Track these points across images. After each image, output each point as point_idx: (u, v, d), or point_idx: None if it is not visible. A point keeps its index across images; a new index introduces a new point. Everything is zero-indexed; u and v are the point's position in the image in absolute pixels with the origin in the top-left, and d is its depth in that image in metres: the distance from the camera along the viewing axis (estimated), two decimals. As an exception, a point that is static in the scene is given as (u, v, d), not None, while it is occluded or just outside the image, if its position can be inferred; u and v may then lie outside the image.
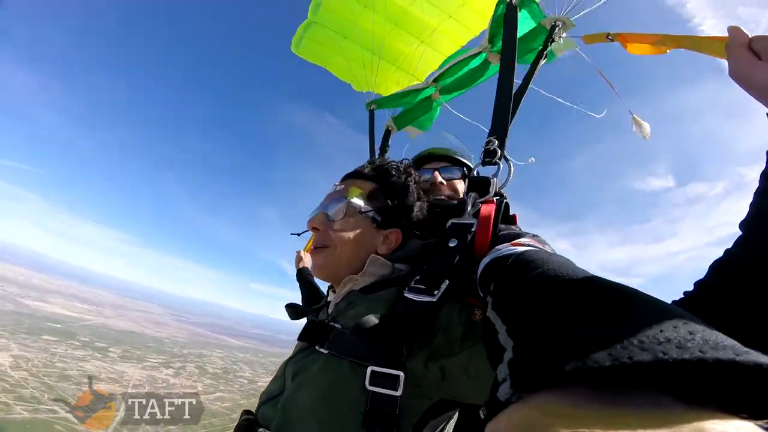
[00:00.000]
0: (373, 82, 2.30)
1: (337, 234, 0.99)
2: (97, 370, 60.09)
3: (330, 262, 1.00)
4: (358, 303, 0.91)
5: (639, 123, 1.52)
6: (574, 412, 0.22)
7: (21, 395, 42.59)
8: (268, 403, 0.89)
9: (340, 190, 1.05)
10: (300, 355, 0.91)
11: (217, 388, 69.58)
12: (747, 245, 0.61)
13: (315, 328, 0.90)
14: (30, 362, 53.65)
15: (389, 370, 0.74)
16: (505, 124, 1.13)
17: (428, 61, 2.32)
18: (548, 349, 0.29)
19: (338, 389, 0.77)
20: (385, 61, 2.28)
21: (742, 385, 0.22)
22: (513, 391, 0.28)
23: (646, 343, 0.25)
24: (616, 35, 1.24)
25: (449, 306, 0.80)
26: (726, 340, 0.25)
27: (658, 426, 0.20)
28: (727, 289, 0.60)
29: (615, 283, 0.38)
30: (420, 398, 0.78)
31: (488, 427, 0.26)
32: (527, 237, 0.76)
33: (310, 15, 2.17)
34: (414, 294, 0.78)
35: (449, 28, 2.17)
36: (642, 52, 1.17)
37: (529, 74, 1.40)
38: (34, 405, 41.39)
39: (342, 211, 1.00)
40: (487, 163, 1.10)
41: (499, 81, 1.20)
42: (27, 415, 39.10)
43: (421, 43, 2.25)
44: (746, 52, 0.66)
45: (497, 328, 0.47)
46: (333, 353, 0.82)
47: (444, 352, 0.75)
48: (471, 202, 0.95)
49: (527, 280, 0.51)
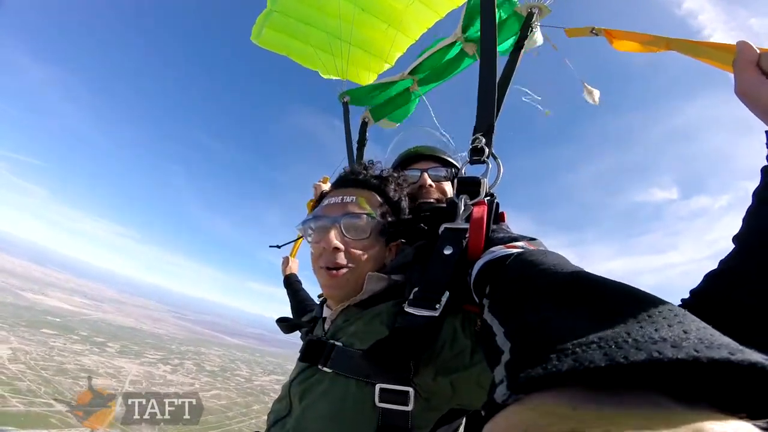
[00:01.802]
0: (343, 68, 2.26)
1: (357, 253, 0.95)
2: (95, 365, 60.17)
3: (350, 284, 0.95)
4: (357, 318, 0.90)
5: (590, 91, 1.59)
6: (571, 412, 0.22)
7: (17, 388, 42.71)
8: (276, 425, 0.89)
9: (353, 203, 0.99)
10: (303, 375, 0.90)
11: (214, 386, 69.70)
12: (740, 259, 0.62)
13: (315, 347, 0.90)
14: (28, 355, 53.83)
15: (398, 387, 0.74)
16: (491, 119, 1.07)
17: (397, 45, 2.31)
18: (544, 350, 0.29)
19: (348, 408, 0.76)
20: (353, 47, 2.25)
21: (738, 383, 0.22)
22: (510, 392, 0.28)
23: (641, 342, 0.25)
24: (602, 30, 1.20)
25: (451, 318, 0.79)
26: (720, 338, 0.25)
27: (656, 426, 0.20)
28: (722, 299, 0.61)
29: (609, 280, 0.38)
30: (431, 411, 0.78)
31: (486, 428, 0.26)
32: (523, 240, 0.75)
33: (270, 4, 2.14)
34: (415, 308, 0.76)
35: (416, 11, 2.14)
36: (629, 49, 1.14)
37: (511, 64, 1.33)
38: (30, 398, 41.49)
39: (363, 230, 0.97)
40: (475, 162, 1.06)
41: (481, 73, 1.12)
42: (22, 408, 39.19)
43: (389, 27, 2.23)
44: (755, 70, 0.65)
45: (495, 330, 0.47)
46: (338, 372, 0.82)
47: (454, 366, 0.75)
48: (462, 206, 0.91)
49: (523, 281, 0.51)
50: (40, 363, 52.65)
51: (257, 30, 2.22)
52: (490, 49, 1.16)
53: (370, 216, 0.97)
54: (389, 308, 0.88)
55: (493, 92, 1.09)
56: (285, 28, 2.23)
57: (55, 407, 41.41)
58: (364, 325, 0.87)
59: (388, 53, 2.33)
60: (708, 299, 0.64)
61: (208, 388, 67.25)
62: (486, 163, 1.04)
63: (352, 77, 2.37)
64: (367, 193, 1.05)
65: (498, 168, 1.07)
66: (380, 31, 2.24)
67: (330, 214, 0.99)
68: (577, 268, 0.49)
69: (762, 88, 0.63)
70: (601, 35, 1.21)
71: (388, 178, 1.09)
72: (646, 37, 1.06)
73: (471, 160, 1.07)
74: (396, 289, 0.95)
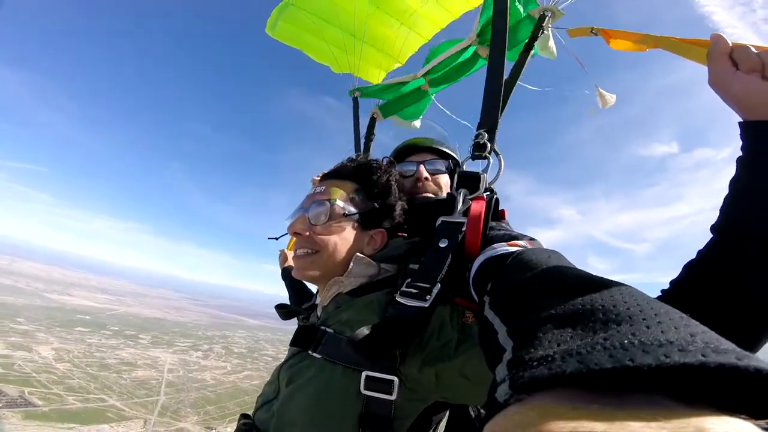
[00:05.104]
0: (355, 64, 2.25)
1: (321, 238, 0.96)
2: (133, 358, 63.31)
3: (316, 267, 0.97)
4: (347, 306, 0.91)
5: (603, 95, 1.62)
6: (573, 412, 0.22)
7: (70, 386, 45.53)
8: (263, 408, 0.91)
9: (321, 191, 1.01)
10: (293, 359, 0.92)
11: (245, 367, 73.09)
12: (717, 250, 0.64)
13: (306, 332, 0.92)
14: (71, 353, 56.76)
15: (383, 375, 0.75)
16: (495, 116, 1.09)
17: (409, 44, 2.30)
18: (548, 350, 0.28)
19: (333, 393, 0.78)
20: (366, 44, 2.24)
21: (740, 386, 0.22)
22: (512, 392, 0.27)
23: (647, 345, 0.24)
24: (600, 30, 1.26)
25: (440, 309, 0.80)
26: (725, 343, 0.25)
27: (658, 426, 0.19)
28: (702, 291, 0.62)
29: (614, 281, 0.38)
30: (415, 401, 0.80)
31: (486, 427, 0.26)
32: (524, 240, 0.75)
33: None
34: (406, 298, 0.77)
35: (430, 11, 2.15)
36: (623, 48, 1.20)
37: (519, 66, 1.37)
38: (83, 395, 44.32)
39: (325, 215, 0.97)
40: (477, 157, 1.07)
41: (489, 72, 1.15)
42: (80, 405, 41.91)
43: (402, 26, 2.22)
44: (726, 62, 0.66)
45: (496, 328, 0.46)
46: (326, 358, 0.83)
47: (439, 357, 0.76)
48: (461, 200, 0.93)
49: (526, 279, 0.50)
50: (83, 360, 55.62)
51: (272, 22, 2.22)
52: (500, 48, 1.18)
53: (330, 201, 0.98)
54: (381, 297, 0.89)
55: (499, 91, 1.11)
56: (300, 22, 2.22)
57: (107, 401, 44.44)
58: (355, 313, 0.87)
59: (399, 51, 2.33)
60: (687, 289, 0.65)
61: (240, 370, 70.79)
62: (487, 158, 1.06)
63: (363, 74, 2.36)
64: (341, 181, 1.05)
65: (499, 164, 1.07)
66: (393, 29, 2.23)
67: (302, 205, 1.04)
68: (580, 269, 0.48)
69: (733, 79, 0.65)
70: (599, 35, 1.26)
71: (369, 166, 1.07)
72: (638, 36, 1.10)
73: (473, 155, 1.07)
74: (388, 280, 0.97)
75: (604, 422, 0.20)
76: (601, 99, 1.62)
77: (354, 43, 2.22)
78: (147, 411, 44.98)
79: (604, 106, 1.63)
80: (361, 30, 2.16)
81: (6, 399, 38.71)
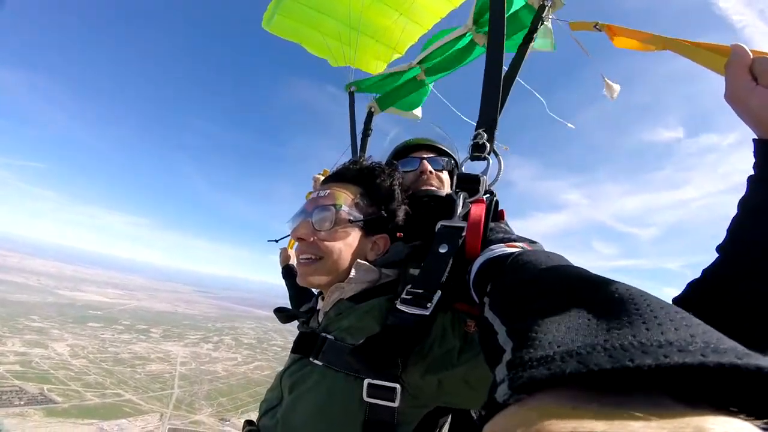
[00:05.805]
0: (353, 56, 2.23)
1: (326, 244, 0.95)
2: (146, 352, 64.68)
3: (320, 274, 0.96)
4: (349, 313, 0.90)
5: (609, 86, 1.60)
6: (573, 412, 0.22)
7: (87, 382, 46.67)
8: (268, 414, 0.91)
9: (325, 195, 1.00)
10: (295, 366, 0.91)
11: (255, 358, 74.44)
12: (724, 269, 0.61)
13: (307, 339, 0.91)
14: (85, 349, 58.01)
15: (386, 383, 0.75)
16: (494, 115, 1.06)
17: (408, 34, 2.26)
18: (547, 350, 0.28)
19: (336, 401, 0.78)
20: (364, 36, 2.21)
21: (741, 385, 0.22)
22: (512, 392, 0.27)
23: (647, 346, 0.24)
24: (604, 26, 1.20)
25: (441, 316, 0.79)
26: (726, 341, 0.24)
27: (658, 426, 0.19)
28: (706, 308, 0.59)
29: (613, 281, 0.38)
30: (417, 407, 0.80)
31: (486, 427, 0.26)
32: (523, 242, 0.74)
33: None
34: (406, 306, 0.76)
35: (428, 0, 2.11)
36: (628, 46, 1.13)
37: (518, 60, 1.33)
38: (100, 390, 45.42)
39: (330, 221, 0.95)
40: (476, 158, 1.05)
41: (487, 68, 1.11)
42: (98, 400, 42.95)
43: (401, 16, 2.18)
44: (746, 75, 0.61)
45: (496, 328, 0.46)
46: (328, 365, 0.83)
47: (442, 365, 0.76)
48: (461, 203, 0.92)
49: (526, 280, 0.50)
50: (98, 356, 56.87)
51: (268, 16, 2.19)
52: (498, 42, 1.14)
53: (335, 207, 0.96)
54: (381, 304, 0.88)
55: (498, 87, 1.08)
56: (296, 15, 2.19)
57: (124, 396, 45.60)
58: (356, 320, 0.87)
59: (398, 42, 2.29)
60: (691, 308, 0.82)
61: (251, 361, 72.21)
62: (487, 159, 1.03)
63: (361, 65, 2.34)
64: (344, 186, 1.03)
65: (499, 165, 1.05)
66: (391, 19, 2.19)
67: (306, 209, 1.02)
68: (580, 268, 0.48)
69: (752, 94, 0.59)
70: (603, 31, 1.20)
71: (373, 169, 1.05)
72: (645, 36, 1.04)
73: (471, 156, 1.05)
74: (389, 286, 0.96)
75: (604, 422, 0.20)
76: (608, 90, 1.59)
77: (350, 35, 2.17)
78: (162, 404, 46.04)
79: (612, 97, 1.60)
80: (357, 21, 2.13)
81: (27, 396, 39.74)
